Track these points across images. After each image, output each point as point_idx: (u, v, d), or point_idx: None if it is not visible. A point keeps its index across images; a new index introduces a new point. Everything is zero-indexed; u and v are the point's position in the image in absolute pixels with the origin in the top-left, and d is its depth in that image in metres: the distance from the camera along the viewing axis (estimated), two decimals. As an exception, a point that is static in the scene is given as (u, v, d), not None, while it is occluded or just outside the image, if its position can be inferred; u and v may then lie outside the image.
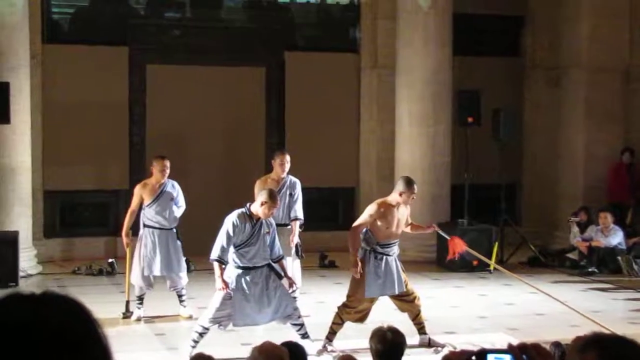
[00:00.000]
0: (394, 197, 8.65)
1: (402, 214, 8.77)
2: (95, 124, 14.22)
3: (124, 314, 10.07)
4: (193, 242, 11.74)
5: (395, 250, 8.76)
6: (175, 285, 10.19)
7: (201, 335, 8.27)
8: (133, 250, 10.13)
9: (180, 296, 10.22)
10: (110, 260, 13.14)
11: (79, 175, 14.33)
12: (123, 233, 10.08)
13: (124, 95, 14.52)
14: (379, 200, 8.82)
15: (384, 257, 8.64)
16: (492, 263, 10.41)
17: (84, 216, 14.73)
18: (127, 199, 14.35)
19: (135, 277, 10.06)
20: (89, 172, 14.45)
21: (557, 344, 5.66)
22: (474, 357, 2.09)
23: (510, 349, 2.08)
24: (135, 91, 14.63)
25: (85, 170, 14.40)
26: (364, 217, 8.69)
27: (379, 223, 8.59)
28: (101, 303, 10.84)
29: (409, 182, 8.66)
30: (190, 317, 9.87)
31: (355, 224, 8.77)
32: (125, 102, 14.54)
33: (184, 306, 10.18)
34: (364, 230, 8.67)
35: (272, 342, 4.80)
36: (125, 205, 14.27)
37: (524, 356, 2.04)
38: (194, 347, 8.23)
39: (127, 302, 10.13)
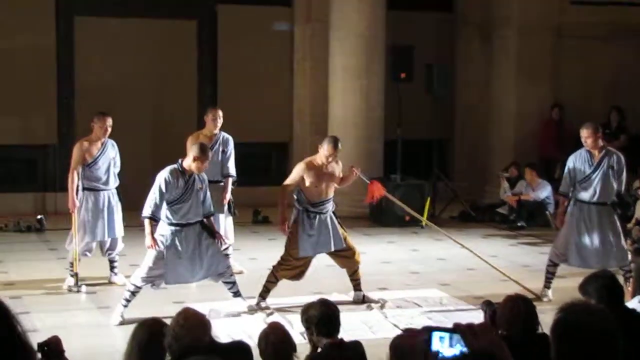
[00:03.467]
0: (320, 156, 8.61)
1: (333, 170, 8.73)
2: (22, 77, 13.86)
3: (70, 287, 9.28)
4: (124, 198, 11.59)
5: (328, 208, 8.72)
6: (113, 249, 9.58)
7: (133, 294, 8.17)
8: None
9: (113, 261, 9.65)
10: (39, 216, 12.90)
11: (5, 129, 13.96)
12: (70, 201, 9.30)
13: (51, 47, 14.14)
14: (306, 159, 8.80)
15: (317, 215, 8.63)
16: (411, 212, 10.48)
17: (11, 171, 14.39)
18: (55, 154, 14.09)
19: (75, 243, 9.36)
20: (15, 125, 14.08)
21: (488, 303, 5.70)
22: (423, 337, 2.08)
23: (457, 328, 2.07)
24: (62, 43, 14.25)
25: (12, 124, 14.03)
26: (291, 176, 8.68)
27: (307, 182, 8.57)
28: (31, 261, 10.71)
29: (334, 144, 8.55)
30: (125, 285, 9.30)
31: (285, 183, 8.76)
32: (52, 54, 14.16)
33: (116, 273, 9.65)
34: (297, 190, 8.65)
35: (193, 308, 4.74)
36: (54, 160, 14.03)
37: (471, 336, 2.03)
38: (126, 306, 8.15)
39: (77, 275, 9.33)
